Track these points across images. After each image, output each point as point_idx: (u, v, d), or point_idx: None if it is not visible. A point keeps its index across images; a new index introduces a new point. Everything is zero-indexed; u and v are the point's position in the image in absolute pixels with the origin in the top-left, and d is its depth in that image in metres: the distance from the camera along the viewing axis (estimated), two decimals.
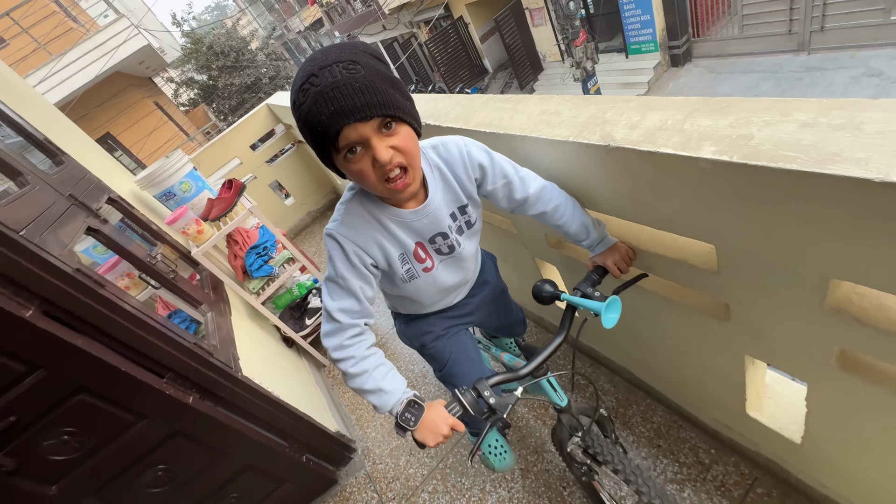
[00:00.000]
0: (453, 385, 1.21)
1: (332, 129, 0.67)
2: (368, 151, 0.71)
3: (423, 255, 0.95)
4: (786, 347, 0.85)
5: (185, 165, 2.34)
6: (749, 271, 0.77)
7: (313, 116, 0.67)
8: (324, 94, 0.65)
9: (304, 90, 0.66)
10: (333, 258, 0.87)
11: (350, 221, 0.86)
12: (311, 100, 0.66)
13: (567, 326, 0.92)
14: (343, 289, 0.88)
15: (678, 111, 0.76)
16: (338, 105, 0.65)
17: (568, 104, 1.00)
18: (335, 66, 0.65)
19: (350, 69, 0.65)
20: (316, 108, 0.66)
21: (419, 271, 0.97)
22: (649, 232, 0.99)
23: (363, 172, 0.73)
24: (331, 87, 0.64)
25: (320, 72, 0.65)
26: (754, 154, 0.61)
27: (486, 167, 0.92)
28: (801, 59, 7.28)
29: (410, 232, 0.90)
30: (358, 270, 0.88)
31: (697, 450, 1.42)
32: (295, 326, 2.53)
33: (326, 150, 0.72)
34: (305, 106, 0.67)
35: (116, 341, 1.31)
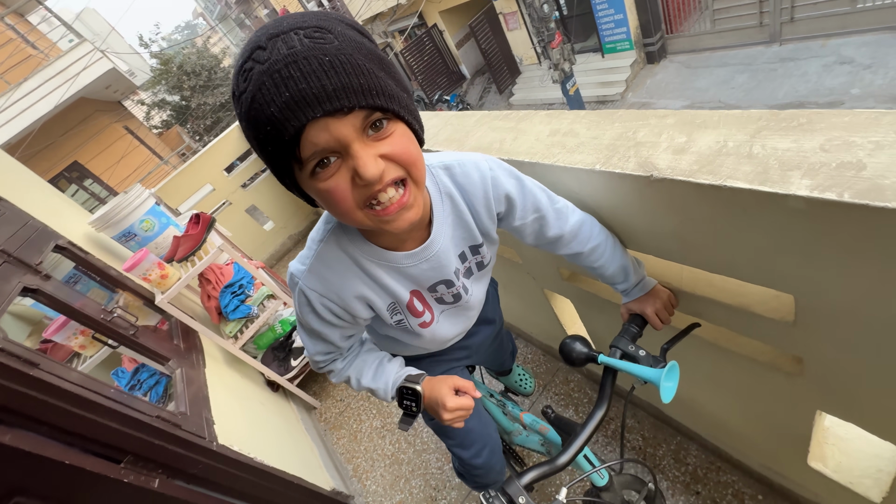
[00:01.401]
0: (448, 438, 1.02)
1: (289, 128, 0.43)
2: (347, 162, 0.47)
3: (421, 307, 0.75)
4: (877, 408, 0.69)
5: (146, 201, 2.11)
6: (840, 325, 0.61)
7: (259, 110, 0.43)
8: (273, 72, 0.42)
9: (244, 71, 0.44)
10: (301, 310, 0.69)
11: (321, 270, 0.64)
12: (255, 84, 0.42)
13: (608, 394, 0.75)
14: (314, 335, 0.74)
15: (739, 129, 0.60)
16: (295, 88, 0.42)
17: (584, 122, 0.83)
18: (292, 34, 0.43)
19: (315, 38, 0.43)
20: (262, 95, 0.42)
21: (414, 326, 0.77)
22: (696, 271, 0.82)
23: (335, 195, 0.49)
24: (285, 62, 0.42)
25: (269, 42, 0.43)
26: (876, 190, 0.45)
27: (516, 200, 0.70)
28: (773, 50, 7.36)
29: (405, 280, 0.69)
30: (332, 324, 0.71)
31: (742, 495, 1.25)
32: (279, 368, 2.30)
33: (283, 163, 0.48)
34: (247, 94, 0.43)
35: (58, 430, 1.09)
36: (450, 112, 1.20)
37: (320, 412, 2.40)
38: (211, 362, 1.94)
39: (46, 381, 1.05)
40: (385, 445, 2.02)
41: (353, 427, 2.21)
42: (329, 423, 2.31)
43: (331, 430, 2.27)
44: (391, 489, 1.85)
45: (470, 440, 0.97)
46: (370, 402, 2.26)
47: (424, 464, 1.84)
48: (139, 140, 12.00)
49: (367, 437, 2.11)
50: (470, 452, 0.97)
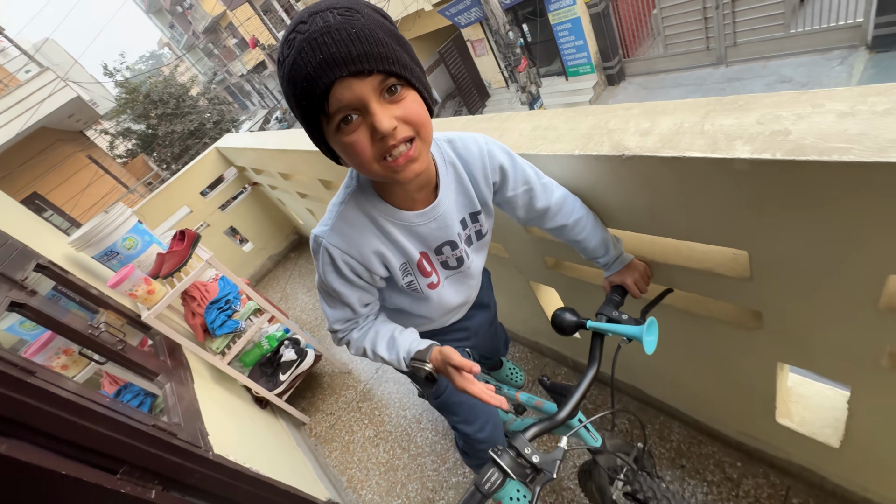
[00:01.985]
0: (452, 415, 1.08)
1: (320, 84, 0.53)
2: (366, 120, 0.57)
3: (429, 267, 0.83)
4: (829, 351, 0.80)
5: (129, 220, 2.10)
6: (788, 276, 0.72)
7: (298, 69, 0.53)
8: (311, 40, 0.52)
9: (289, 41, 0.54)
10: (322, 269, 0.76)
11: (343, 228, 0.73)
12: (297, 49, 0.53)
13: (598, 357, 0.83)
14: (335, 299, 0.80)
15: (692, 113, 0.72)
16: (328, 52, 0.52)
17: (562, 117, 0.94)
18: (328, 12, 0.53)
19: (346, 15, 0.53)
20: (301, 58, 0.53)
21: (423, 287, 0.85)
22: (665, 243, 0.93)
23: (356, 147, 0.58)
24: (320, 32, 0.52)
25: (310, 18, 0.53)
26: (799, 149, 0.56)
27: (508, 170, 0.81)
28: (721, 71, 7.99)
29: (415, 239, 0.78)
30: (352, 283, 0.77)
31: (723, 465, 1.35)
32: (268, 384, 2.28)
33: (315, 119, 0.58)
34: (289, 59, 0.54)
35: (53, 439, 1.07)
36: (436, 118, 1.30)
37: (310, 427, 2.37)
38: (198, 379, 1.91)
39: (43, 389, 1.05)
40: (379, 454, 2.02)
41: (344, 439, 2.19)
42: (320, 438, 2.28)
43: (322, 444, 2.25)
44: (388, 496, 1.85)
45: (474, 415, 1.02)
46: (361, 412, 2.25)
47: (420, 467, 1.86)
48: (104, 169, 11.66)
49: (360, 448, 2.10)
50: (474, 427, 1.02)
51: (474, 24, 9.66)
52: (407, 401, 2.15)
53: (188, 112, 14.99)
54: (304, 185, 2.64)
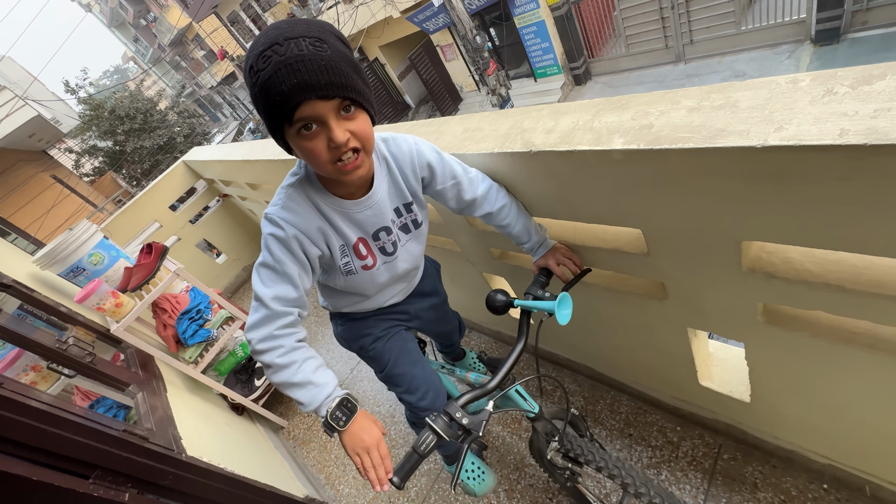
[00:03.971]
0: (395, 386, 1.17)
1: (291, 102, 0.64)
2: (324, 130, 0.69)
3: (365, 251, 0.92)
4: (718, 313, 0.92)
5: (94, 236, 2.12)
6: (674, 248, 0.83)
7: (273, 85, 0.64)
8: (287, 64, 0.62)
9: (265, 56, 0.63)
10: (270, 243, 0.82)
11: (292, 206, 0.82)
12: (273, 68, 0.63)
13: (525, 332, 0.93)
14: (279, 274, 0.82)
15: (586, 112, 0.83)
16: (301, 79, 0.63)
17: (487, 120, 1.04)
18: (302, 40, 0.63)
19: (317, 46, 0.64)
20: (277, 77, 0.63)
21: (358, 268, 0.93)
22: (584, 228, 1.05)
23: (315, 151, 0.70)
24: (296, 59, 0.62)
25: (285, 42, 0.63)
26: (657, 139, 0.67)
27: (436, 167, 0.92)
28: (680, 68, 8.33)
29: (353, 225, 0.88)
30: (297, 256, 0.84)
31: (665, 430, 1.47)
32: (243, 391, 2.32)
33: (278, 123, 0.69)
34: (265, 73, 0.63)
35: (24, 447, 1.11)
36: (387, 124, 1.39)
37: (288, 430, 2.41)
38: (172, 389, 1.95)
39: (12, 399, 1.09)
40: None
41: (322, 439, 2.25)
42: (298, 440, 2.33)
43: (300, 445, 2.30)
44: (364, 489, 1.92)
45: (415, 385, 1.12)
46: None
47: (395, 459, 1.93)
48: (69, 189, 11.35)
49: (337, 446, 2.16)
50: (416, 396, 1.12)
51: (442, 29, 9.82)
52: (381, 397, 2.23)
53: (157, 126, 14.70)
54: (271, 194, 2.70)
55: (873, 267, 0.66)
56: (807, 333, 0.80)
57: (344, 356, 2.60)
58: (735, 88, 0.66)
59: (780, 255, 0.75)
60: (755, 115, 0.60)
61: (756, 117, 0.60)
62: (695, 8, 7.53)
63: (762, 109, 0.60)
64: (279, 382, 0.83)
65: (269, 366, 0.83)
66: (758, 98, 0.62)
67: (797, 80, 0.61)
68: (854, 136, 0.50)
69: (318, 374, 0.84)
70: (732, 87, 0.67)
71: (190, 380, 2.19)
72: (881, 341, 0.74)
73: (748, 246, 0.75)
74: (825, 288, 0.69)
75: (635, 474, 0.91)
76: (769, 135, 0.56)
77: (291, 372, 0.82)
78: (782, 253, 0.75)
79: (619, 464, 0.93)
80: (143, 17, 22.70)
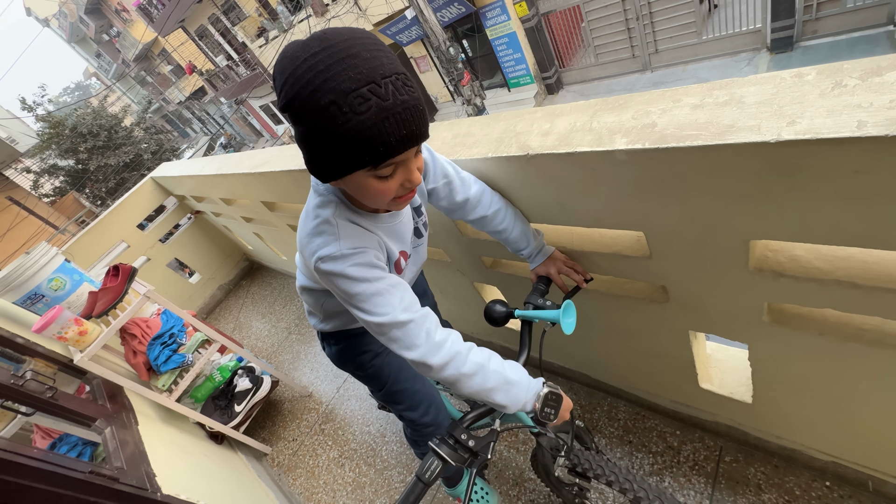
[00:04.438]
0: (397, 404, 1.11)
1: (396, 152, 0.61)
2: (401, 172, 0.66)
3: (404, 263, 0.87)
4: (722, 314, 0.90)
5: (54, 259, 1.97)
6: (678, 250, 0.81)
7: (377, 134, 0.57)
8: (395, 114, 0.57)
9: (363, 99, 0.55)
10: (355, 275, 0.71)
11: (349, 235, 0.73)
12: (377, 115, 0.56)
13: (527, 342, 0.89)
14: (387, 292, 0.72)
15: (583, 113, 0.80)
16: (410, 129, 0.59)
17: (478, 124, 1.01)
18: (396, 80, 0.58)
19: (409, 86, 0.59)
20: (384, 126, 0.57)
21: None
22: (581, 233, 1.02)
23: (385, 191, 0.66)
24: (402, 107, 0.58)
25: (383, 82, 0.57)
26: (662, 138, 0.65)
27: (428, 163, 0.88)
28: (647, 76, 8.62)
29: (394, 238, 0.82)
30: (384, 268, 0.76)
31: (665, 435, 1.45)
32: (223, 418, 2.18)
33: (357, 165, 0.61)
34: (365, 118, 0.56)
35: None
36: None
37: (272, 457, 2.28)
38: (144, 420, 1.81)
39: None
40: (345, 473, 1.98)
41: (309, 464, 2.14)
42: (283, 467, 2.21)
43: (285, 472, 2.17)
44: None
45: (417, 401, 1.06)
46: (324, 434, 2.21)
47: (387, 481, 1.85)
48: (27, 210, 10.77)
49: (325, 471, 2.06)
50: (419, 412, 1.06)
51: (415, 41, 9.88)
52: (370, 416, 2.14)
53: (122, 143, 14.18)
54: (247, 209, 2.59)
55: (882, 262, 0.66)
56: (814, 332, 0.79)
57: (329, 375, 2.50)
58: (738, 84, 0.65)
59: (786, 254, 0.74)
60: (764, 110, 0.58)
61: (765, 112, 0.58)
62: (658, 19, 7.83)
63: (770, 104, 0.59)
64: (473, 392, 0.73)
65: (457, 379, 0.72)
66: (764, 93, 0.61)
67: (802, 73, 0.59)
68: (873, 128, 0.48)
69: (510, 371, 0.76)
70: (735, 83, 0.65)
71: (164, 409, 2.04)
72: (889, 336, 0.73)
73: (755, 245, 0.73)
74: (836, 285, 0.68)
75: (648, 487, 0.87)
76: (782, 129, 0.54)
77: (483, 378, 0.73)
78: (788, 251, 0.74)
79: (630, 476, 0.90)
80: (105, 32, 22.01)
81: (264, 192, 2.05)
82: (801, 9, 6.50)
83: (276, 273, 3.72)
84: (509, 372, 0.75)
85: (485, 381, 0.73)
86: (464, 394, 0.74)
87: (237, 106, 18.09)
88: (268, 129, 19.53)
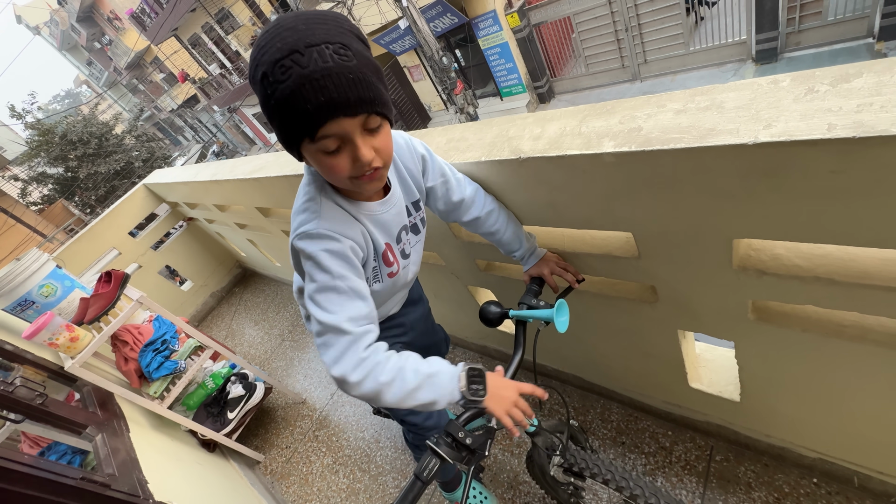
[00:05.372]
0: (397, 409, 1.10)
1: (317, 121, 0.59)
2: (348, 148, 0.64)
3: (392, 258, 0.88)
4: (709, 313, 0.93)
5: (45, 265, 1.96)
6: (665, 249, 0.84)
7: (295, 102, 0.57)
8: (312, 80, 0.56)
9: (283, 66, 0.56)
10: (324, 259, 0.71)
11: (332, 215, 0.74)
12: (295, 82, 0.56)
13: (522, 342, 0.90)
14: (345, 292, 0.72)
15: (572, 118, 0.83)
16: (328, 96, 0.57)
17: (471, 129, 1.04)
18: (324, 48, 0.57)
19: (342, 55, 0.58)
20: (301, 93, 0.56)
21: (384, 276, 0.89)
22: (571, 234, 1.04)
23: (337, 167, 0.65)
24: (321, 73, 0.56)
25: (307, 50, 0.56)
26: (647, 141, 0.68)
27: (427, 160, 0.91)
28: (637, 86, 8.79)
29: (380, 229, 0.82)
30: (356, 268, 0.75)
31: (657, 435, 1.47)
32: (215, 425, 2.16)
33: (296, 137, 0.63)
34: (285, 86, 0.57)
35: None
36: None
37: (265, 465, 2.26)
38: (136, 428, 1.79)
39: None
40: (339, 480, 1.97)
41: (302, 471, 2.12)
42: (276, 475, 2.19)
43: (279, 480, 2.15)
44: None
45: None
46: (318, 441, 2.20)
47: (382, 487, 1.84)
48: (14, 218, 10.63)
49: (318, 478, 2.04)
50: (422, 416, 1.07)
51: (409, 51, 9.99)
52: (364, 422, 2.13)
53: (113, 151, 14.09)
54: (241, 215, 2.60)
55: (858, 259, 0.69)
56: (797, 328, 0.82)
57: (323, 381, 2.49)
58: (719, 90, 0.68)
59: (768, 252, 0.77)
60: (742, 115, 0.61)
61: (743, 116, 0.61)
62: (647, 30, 8.01)
63: (748, 109, 0.62)
64: (397, 399, 0.72)
65: (378, 391, 0.71)
66: (742, 98, 0.64)
67: (778, 80, 0.63)
68: (842, 130, 0.51)
69: (428, 365, 0.75)
70: (716, 89, 0.68)
71: (155, 417, 2.02)
72: (869, 332, 0.76)
73: (738, 244, 0.76)
74: (815, 281, 0.70)
75: (643, 484, 0.89)
76: (759, 132, 0.57)
77: (403, 381, 0.72)
78: (770, 249, 0.77)
79: (625, 474, 0.91)
80: (97, 39, 21.94)
81: (259, 198, 2.06)
82: (784, 21, 6.69)
83: (270, 280, 3.71)
84: (427, 366, 0.75)
85: (405, 383, 0.72)
86: (389, 404, 0.72)
87: (230, 114, 18.08)
88: (261, 137, 19.52)
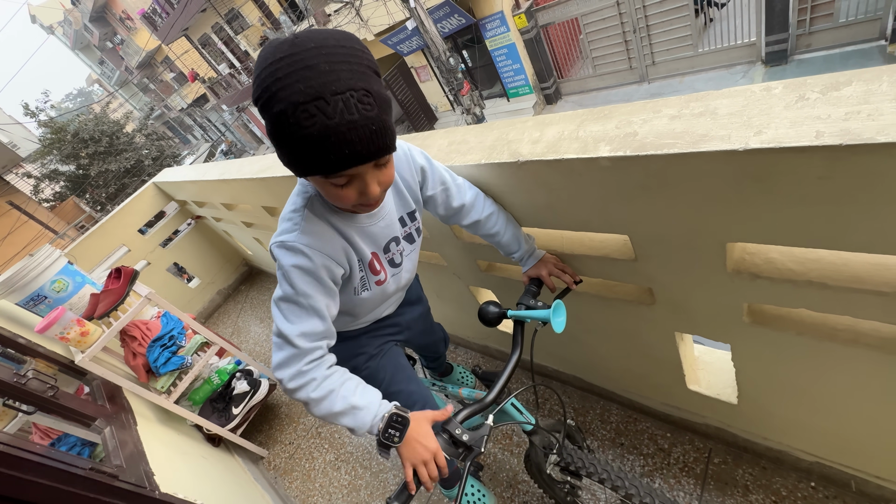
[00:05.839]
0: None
1: (337, 168, 0.61)
2: (357, 181, 0.67)
3: (378, 266, 0.90)
4: (705, 315, 0.94)
5: (57, 261, 2.01)
6: (661, 253, 0.85)
7: (318, 150, 0.58)
8: (338, 132, 0.57)
9: (308, 113, 0.56)
10: (293, 275, 0.75)
11: (313, 229, 0.76)
12: (321, 132, 0.57)
13: (520, 342, 0.92)
14: (304, 308, 0.76)
15: (570, 123, 0.85)
16: (353, 149, 0.59)
17: (472, 132, 1.06)
18: (349, 97, 0.57)
19: (365, 104, 0.58)
20: (325, 143, 0.58)
21: (371, 284, 0.91)
22: (569, 236, 1.06)
23: (342, 197, 0.69)
24: (347, 126, 0.57)
25: (332, 99, 0.56)
26: (642, 146, 0.69)
27: (427, 171, 0.92)
28: (644, 88, 8.75)
29: (367, 240, 0.85)
30: (325, 286, 0.78)
31: (656, 437, 1.47)
32: (220, 420, 2.20)
33: (309, 172, 0.64)
34: (308, 133, 0.57)
35: None
36: None
37: (269, 460, 2.29)
38: (142, 421, 1.83)
39: None
40: (341, 476, 2.00)
41: (305, 467, 2.15)
42: (279, 470, 2.22)
43: (282, 476, 2.18)
44: None
45: (412, 402, 1.09)
46: (321, 437, 2.22)
47: (383, 483, 1.86)
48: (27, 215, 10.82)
49: (321, 474, 2.07)
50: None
51: (416, 52, 10.02)
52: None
53: (123, 149, 14.27)
54: (248, 214, 2.64)
55: (850, 263, 0.69)
56: (792, 332, 0.83)
57: None
58: (713, 97, 0.69)
59: (762, 256, 0.78)
60: (734, 121, 0.63)
61: (735, 123, 0.62)
62: (655, 32, 7.96)
63: (740, 115, 0.63)
64: (322, 415, 0.77)
65: (308, 402, 0.77)
66: (735, 105, 0.65)
67: (770, 87, 0.64)
68: (829, 138, 0.52)
69: (359, 397, 0.78)
70: (710, 95, 0.70)
71: (162, 411, 2.06)
72: (862, 336, 0.76)
73: (732, 247, 0.77)
74: (808, 285, 0.71)
75: (639, 484, 0.90)
76: (749, 138, 0.59)
77: (331, 403, 0.76)
78: (764, 253, 0.78)
79: (621, 474, 0.92)
80: (109, 39, 22.26)
81: (266, 197, 2.09)
82: (794, 23, 6.63)
83: (275, 278, 3.75)
84: (357, 398, 0.78)
85: (332, 405, 0.76)
86: (317, 417, 0.78)
87: (239, 113, 18.25)
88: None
